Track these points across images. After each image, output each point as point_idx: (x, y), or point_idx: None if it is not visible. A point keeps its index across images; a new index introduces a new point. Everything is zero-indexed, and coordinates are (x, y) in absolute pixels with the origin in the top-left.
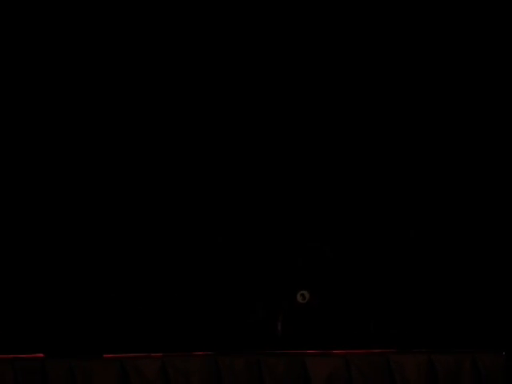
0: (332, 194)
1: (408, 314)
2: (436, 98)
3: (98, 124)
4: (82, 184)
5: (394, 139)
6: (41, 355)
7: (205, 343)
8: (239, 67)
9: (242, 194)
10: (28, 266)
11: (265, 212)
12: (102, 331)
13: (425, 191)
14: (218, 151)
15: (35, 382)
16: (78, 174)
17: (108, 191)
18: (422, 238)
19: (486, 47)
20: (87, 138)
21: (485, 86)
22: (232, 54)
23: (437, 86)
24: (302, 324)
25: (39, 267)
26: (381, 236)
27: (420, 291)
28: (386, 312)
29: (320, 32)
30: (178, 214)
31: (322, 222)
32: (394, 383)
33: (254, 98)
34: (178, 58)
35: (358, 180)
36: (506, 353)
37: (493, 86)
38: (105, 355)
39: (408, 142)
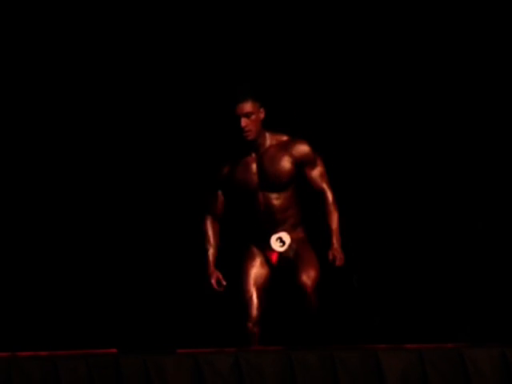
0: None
1: (480, 308)
2: None
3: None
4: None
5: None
6: (114, 351)
7: (277, 338)
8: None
9: None
10: (99, 260)
11: None
12: (176, 326)
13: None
14: None
15: (108, 378)
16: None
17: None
18: (491, 229)
19: None
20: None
21: None
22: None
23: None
24: (375, 318)
25: (109, 261)
26: (451, 227)
27: (491, 284)
28: (459, 306)
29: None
30: None
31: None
32: (467, 377)
33: None
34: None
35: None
36: None
37: None
38: (178, 350)
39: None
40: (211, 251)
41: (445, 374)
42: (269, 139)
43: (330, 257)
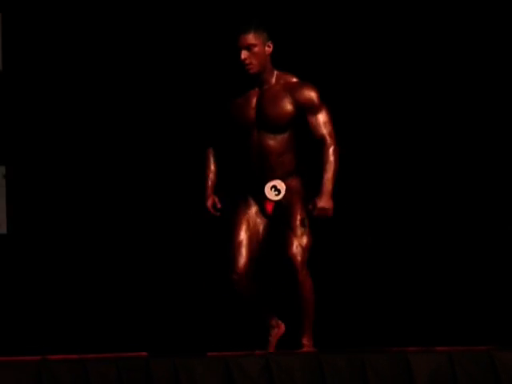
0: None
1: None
2: None
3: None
4: None
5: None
6: (144, 354)
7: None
8: None
9: None
10: (129, 264)
11: None
12: (206, 329)
13: None
14: None
15: (139, 381)
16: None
17: None
18: None
19: None
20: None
21: None
22: None
23: None
24: (405, 320)
25: (138, 264)
26: (484, 229)
27: None
28: (490, 308)
29: None
30: None
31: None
32: (498, 380)
33: None
34: None
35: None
36: None
37: None
38: (208, 353)
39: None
40: (210, 176)
41: (475, 377)
42: (276, 77)
43: (310, 206)
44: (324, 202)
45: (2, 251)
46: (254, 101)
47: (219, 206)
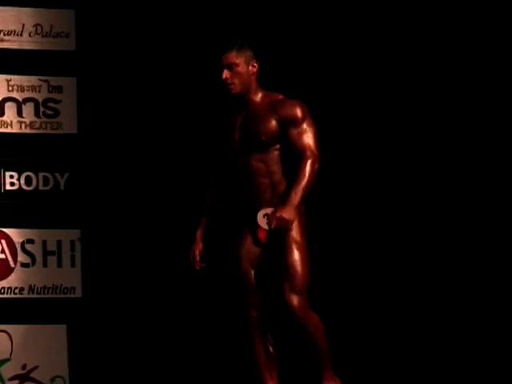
0: None
1: None
2: None
3: None
4: None
5: None
6: None
7: None
8: None
9: None
10: None
11: None
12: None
13: None
14: None
15: None
16: None
17: None
18: None
19: None
20: None
21: None
22: None
23: None
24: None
25: None
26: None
27: None
28: None
29: None
30: None
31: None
32: None
33: None
34: None
35: None
36: None
37: None
38: None
39: None
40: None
41: None
42: (262, 97)
43: (278, 214)
44: (285, 213)
45: (77, 315)
46: (239, 122)
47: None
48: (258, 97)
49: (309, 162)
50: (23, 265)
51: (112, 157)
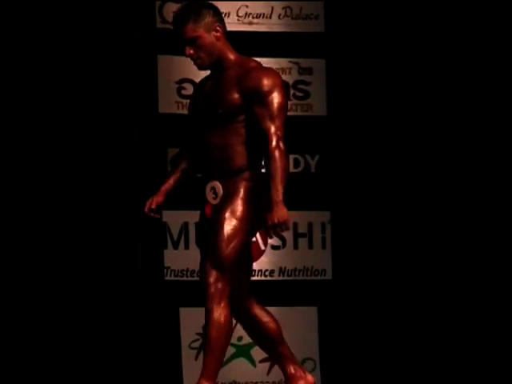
0: None
1: None
2: None
3: None
4: None
5: None
6: None
7: None
8: None
9: None
10: None
11: None
12: None
13: None
14: None
15: None
16: None
17: None
18: None
19: None
20: None
21: None
22: None
23: None
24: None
25: None
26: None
27: None
28: None
29: None
30: None
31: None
32: None
33: None
34: None
35: None
36: None
37: None
38: None
39: None
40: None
41: None
42: (234, 63)
43: (269, 223)
44: (277, 216)
45: (327, 298)
46: (206, 89)
47: (154, 206)
48: (231, 62)
49: (273, 146)
50: (274, 247)
51: (362, 139)
